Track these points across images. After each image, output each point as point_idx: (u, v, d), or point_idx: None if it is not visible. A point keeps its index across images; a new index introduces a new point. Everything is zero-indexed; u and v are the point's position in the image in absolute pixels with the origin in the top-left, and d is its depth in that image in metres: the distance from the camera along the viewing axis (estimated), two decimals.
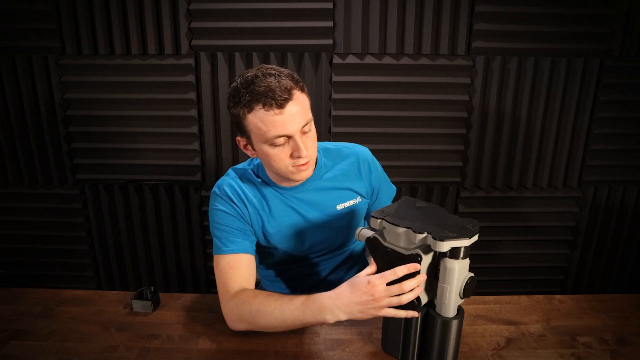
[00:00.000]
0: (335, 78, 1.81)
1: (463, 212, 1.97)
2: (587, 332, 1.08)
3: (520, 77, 1.81)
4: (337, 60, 1.79)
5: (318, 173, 1.15)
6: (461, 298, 0.89)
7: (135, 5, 1.74)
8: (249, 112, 0.99)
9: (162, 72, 1.81)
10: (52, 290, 1.26)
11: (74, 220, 2.01)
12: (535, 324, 1.11)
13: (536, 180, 1.95)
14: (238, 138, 1.09)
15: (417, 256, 0.86)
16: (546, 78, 1.80)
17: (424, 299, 0.91)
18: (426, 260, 0.87)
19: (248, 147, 1.07)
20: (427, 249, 0.87)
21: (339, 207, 1.17)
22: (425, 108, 1.84)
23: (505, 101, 1.84)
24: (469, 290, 0.88)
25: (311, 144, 1.04)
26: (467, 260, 0.87)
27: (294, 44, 1.77)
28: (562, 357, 1.00)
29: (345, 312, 0.92)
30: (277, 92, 0.96)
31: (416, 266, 0.86)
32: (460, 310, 0.91)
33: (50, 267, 2.09)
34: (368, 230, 0.96)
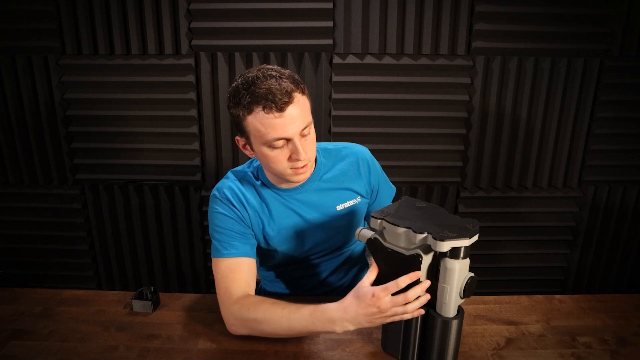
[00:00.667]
0: (335, 78, 1.81)
1: (463, 212, 1.97)
2: (587, 332, 1.08)
3: (520, 77, 1.81)
4: (337, 60, 1.79)
5: (317, 174, 1.15)
6: (461, 298, 0.89)
7: (135, 5, 1.74)
8: (248, 113, 0.98)
9: (162, 72, 1.81)
10: (52, 290, 1.26)
11: (74, 220, 2.01)
12: (535, 324, 1.11)
13: (536, 180, 1.95)
14: (237, 138, 1.09)
15: (417, 256, 0.86)
16: (546, 78, 1.80)
17: None
18: (426, 260, 0.87)
19: (247, 147, 1.07)
20: (427, 249, 0.87)
21: (338, 207, 1.17)
22: (425, 108, 1.84)
23: (505, 101, 1.84)
24: (469, 290, 0.88)
25: (310, 147, 1.04)
26: (467, 260, 0.87)
27: (294, 44, 1.77)
28: (562, 357, 1.00)
29: (353, 324, 0.93)
30: (278, 95, 0.95)
31: (417, 274, 0.86)
32: (460, 310, 0.91)
33: (50, 267, 2.09)
34: (368, 231, 0.96)
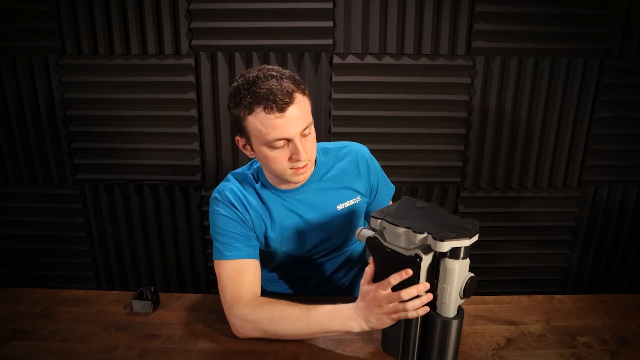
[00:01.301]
0: (335, 78, 1.80)
1: (463, 212, 1.97)
2: (587, 332, 1.08)
3: (520, 77, 1.81)
4: (337, 60, 1.79)
5: (317, 173, 1.15)
6: (461, 298, 0.89)
7: (135, 5, 1.74)
8: (249, 113, 0.98)
9: (162, 72, 1.81)
10: (52, 290, 1.26)
11: (74, 220, 2.01)
12: (535, 324, 1.11)
13: (536, 180, 1.95)
14: (237, 138, 1.09)
15: (416, 257, 0.86)
16: (546, 78, 1.80)
17: None
18: (426, 260, 0.87)
19: (247, 147, 1.07)
20: (427, 249, 0.87)
21: (339, 207, 1.17)
22: (425, 108, 1.84)
23: (505, 101, 1.84)
24: (469, 291, 0.88)
25: (310, 147, 1.04)
26: (467, 261, 0.87)
27: (294, 44, 1.77)
28: (562, 357, 1.00)
29: (366, 322, 0.95)
30: (279, 96, 0.95)
31: (408, 272, 0.86)
32: (460, 310, 0.91)
33: (50, 267, 2.09)
34: (368, 231, 0.96)
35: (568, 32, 1.75)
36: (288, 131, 0.98)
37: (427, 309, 0.90)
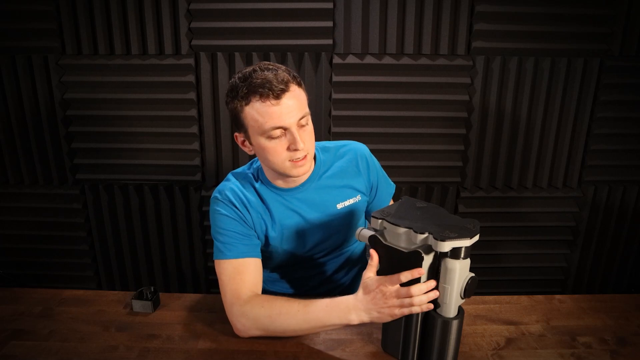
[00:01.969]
0: (335, 78, 1.80)
1: (463, 212, 1.97)
2: (587, 332, 1.08)
3: (520, 77, 1.81)
4: (337, 60, 1.79)
5: (317, 172, 1.16)
6: (462, 298, 0.89)
7: (135, 5, 1.74)
8: (246, 104, 1.00)
9: (162, 72, 1.81)
10: (52, 290, 1.26)
11: (74, 220, 2.01)
12: (535, 324, 1.11)
13: (536, 180, 1.95)
14: (236, 134, 1.09)
15: (418, 253, 0.86)
16: (546, 78, 1.80)
17: None
18: (427, 260, 0.87)
19: (246, 143, 1.08)
20: (428, 249, 0.87)
21: (339, 206, 1.17)
22: (425, 108, 1.84)
23: (505, 101, 1.84)
24: (469, 291, 0.88)
25: (308, 138, 1.04)
26: (468, 261, 0.87)
27: (294, 44, 1.77)
28: (562, 357, 1.00)
29: (367, 314, 0.94)
30: (274, 83, 0.97)
31: (420, 271, 0.86)
32: (460, 310, 0.91)
33: (50, 267, 2.09)
34: (368, 231, 0.96)
35: (568, 32, 1.75)
36: (284, 119, 0.99)
37: (432, 305, 0.90)
